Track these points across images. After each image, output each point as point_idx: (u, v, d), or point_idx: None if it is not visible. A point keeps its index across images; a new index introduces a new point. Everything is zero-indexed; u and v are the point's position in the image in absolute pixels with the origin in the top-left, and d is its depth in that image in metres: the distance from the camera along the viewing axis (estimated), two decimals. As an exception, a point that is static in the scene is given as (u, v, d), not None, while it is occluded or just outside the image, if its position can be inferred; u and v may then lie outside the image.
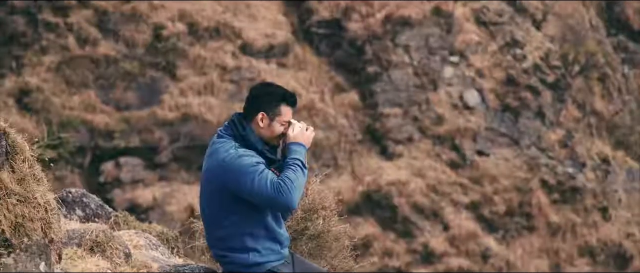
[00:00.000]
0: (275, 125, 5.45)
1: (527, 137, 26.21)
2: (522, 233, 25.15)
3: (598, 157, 26.61)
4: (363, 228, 23.44)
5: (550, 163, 26.06)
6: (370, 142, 25.68)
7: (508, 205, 25.20)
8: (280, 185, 5.22)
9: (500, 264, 24.43)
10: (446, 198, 24.92)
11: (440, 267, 23.99)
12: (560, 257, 25.09)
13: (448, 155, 25.70)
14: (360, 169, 25.04)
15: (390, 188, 24.61)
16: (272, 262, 5.37)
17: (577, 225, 25.56)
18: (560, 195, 25.82)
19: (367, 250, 23.19)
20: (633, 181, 26.87)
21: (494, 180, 25.42)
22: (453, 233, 24.47)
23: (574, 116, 27.04)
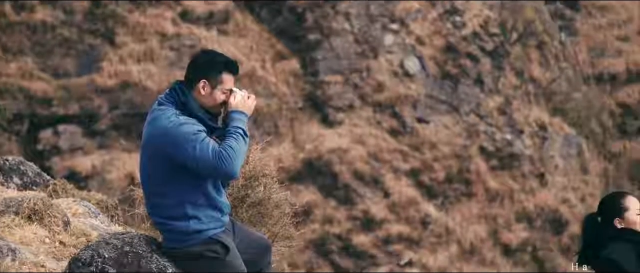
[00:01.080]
0: (217, 93, 5.43)
1: (466, 104, 26.44)
2: (461, 199, 25.44)
3: (535, 123, 26.96)
4: (304, 196, 23.50)
5: (488, 130, 26.34)
6: (311, 109, 25.69)
7: (447, 172, 25.45)
8: (221, 153, 5.21)
9: (440, 230, 24.70)
10: (386, 165, 25.08)
11: (380, 233, 24.18)
12: (498, 223, 25.44)
13: (388, 122, 25.83)
14: (301, 137, 25.07)
15: (331, 155, 24.68)
16: (213, 229, 5.37)
17: (515, 191, 25.91)
18: (498, 162, 26.13)
19: (308, 217, 23.27)
20: (569, 147, 27.28)
21: (433, 147, 25.63)
22: (393, 199, 24.65)
23: (512, 83, 27.34)
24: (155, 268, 5.33)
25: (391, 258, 23.96)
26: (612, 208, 5.94)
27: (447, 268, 24.25)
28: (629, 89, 28.53)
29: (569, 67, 28.51)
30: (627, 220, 5.89)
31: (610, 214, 5.92)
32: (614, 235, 5.85)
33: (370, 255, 23.87)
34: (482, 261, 24.81)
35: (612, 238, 5.85)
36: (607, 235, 5.87)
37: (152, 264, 5.34)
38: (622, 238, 5.83)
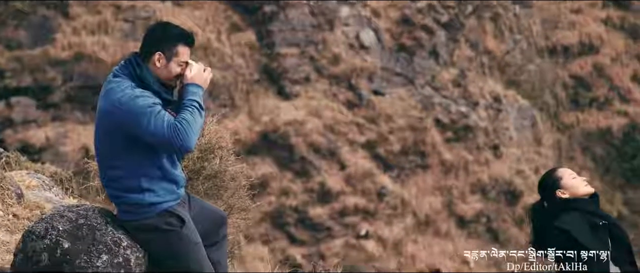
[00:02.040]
0: (172, 66, 5.41)
1: (421, 76, 26.55)
2: (416, 171, 25.59)
3: (490, 95, 27.14)
4: (260, 168, 23.51)
5: (444, 102, 26.49)
6: (267, 82, 25.65)
7: (403, 144, 25.57)
8: (176, 126, 5.20)
9: (395, 202, 24.85)
10: (342, 137, 25.14)
11: (336, 205, 24.26)
12: (453, 194, 25.64)
13: (344, 95, 25.87)
14: (257, 109, 25.03)
15: (287, 128, 24.68)
16: (168, 202, 5.37)
17: (470, 163, 26.12)
18: (453, 134, 26.30)
19: (264, 190, 23.29)
20: (523, 119, 27.52)
21: (389, 120, 25.73)
22: (349, 172, 24.74)
23: (467, 55, 27.48)
24: (110, 240, 5.33)
25: (347, 230, 24.07)
26: (550, 184, 6.02)
27: (402, 240, 24.42)
28: (581, 61, 28.82)
29: (523, 39, 28.72)
30: (566, 186, 5.96)
31: (550, 191, 6.00)
32: (562, 206, 5.92)
33: (326, 227, 23.97)
34: (437, 232, 25.02)
35: (561, 209, 5.92)
36: (555, 210, 5.94)
37: (107, 237, 5.33)
38: (570, 207, 5.90)
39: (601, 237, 5.77)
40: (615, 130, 27.80)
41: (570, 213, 5.86)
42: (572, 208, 5.88)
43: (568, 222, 5.80)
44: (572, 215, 5.84)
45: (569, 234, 5.75)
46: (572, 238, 5.74)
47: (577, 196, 5.96)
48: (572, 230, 5.75)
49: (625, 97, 28.55)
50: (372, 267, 23.59)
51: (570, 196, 5.96)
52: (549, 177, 6.06)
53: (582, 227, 5.78)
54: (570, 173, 6.02)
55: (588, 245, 5.71)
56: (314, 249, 23.56)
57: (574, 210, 5.87)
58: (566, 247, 5.77)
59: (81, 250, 5.27)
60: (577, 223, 5.79)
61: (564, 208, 5.90)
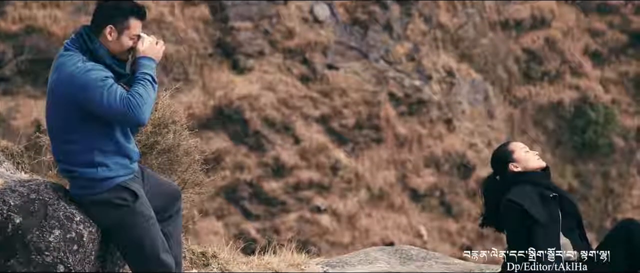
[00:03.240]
0: (124, 39, 5.37)
1: (375, 50, 26.60)
2: (370, 145, 25.68)
3: (443, 69, 27.28)
4: (214, 143, 23.45)
5: (397, 76, 26.58)
6: (221, 56, 25.55)
7: (357, 118, 25.64)
8: (129, 100, 5.17)
9: (350, 176, 24.93)
10: (297, 112, 25.14)
11: (291, 179, 24.30)
12: (407, 168, 25.78)
13: (299, 69, 25.85)
14: (211, 83, 24.93)
15: (241, 102, 24.63)
16: (121, 176, 5.34)
17: (423, 137, 26.26)
18: (407, 108, 26.41)
19: (219, 164, 23.25)
20: (476, 93, 27.70)
21: (343, 94, 25.77)
22: (303, 146, 24.77)
23: (420, 29, 27.56)
24: (63, 215, 5.29)
25: (301, 204, 24.13)
26: (502, 158, 6.07)
27: (356, 214, 24.54)
28: (533, 35, 29.02)
29: (476, 14, 28.84)
30: (518, 159, 6.02)
31: (502, 163, 6.05)
32: (513, 180, 5.98)
33: (281, 202, 24.00)
34: (391, 206, 25.17)
35: (512, 183, 5.98)
36: (507, 183, 5.99)
37: (60, 212, 5.30)
38: (521, 181, 5.96)
39: (552, 210, 5.84)
40: (566, 103, 28.09)
41: (521, 186, 5.92)
42: (524, 182, 5.94)
43: (519, 194, 5.86)
44: (524, 188, 5.90)
45: (520, 207, 5.81)
46: (523, 211, 5.81)
47: (529, 169, 6.02)
48: (523, 202, 5.81)
49: (577, 71, 28.85)
50: (327, 241, 23.69)
51: (522, 169, 6.01)
52: (502, 151, 6.11)
53: (533, 200, 5.84)
54: (522, 146, 6.08)
55: (539, 218, 5.78)
56: (268, 224, 23.60)
57: (525, 183, 5.93)
58: (517, 219, 5.83)
59: (33, 225, 5.23)
60: (529, 196, 5.85)
61: (516, 181, 5.96)
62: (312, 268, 6.77)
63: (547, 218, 5.80)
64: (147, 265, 5.34)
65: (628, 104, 28.74)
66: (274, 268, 6.69)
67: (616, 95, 28.69)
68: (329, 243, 23.54)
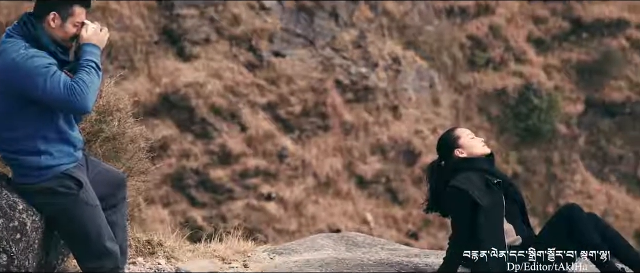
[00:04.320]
0: (68, 26, 5.33)
1: (321, 37, 26.62)
2: (317, 132, 25.73)
3: (389, 56, 27.39)
4: (160, 130, 23.33)
5: (344, 63, 26.63)
6: (166, 43, 25.40)
7: (304, 106, 25.66)
8: (73, 87, 5.13)
9: (296, 163, 24.96)
10: (243, 99, 25.09)
11: (237, 167, 24.26)
12: (353, 155, 25.87)
13: (245, 56, 25.79)
14: (157, 71, 24.78)
15: (187, 90, 24.52)
16: (65, 164, 5.31)
17: (370, 124, 26.37)
18: (353, 95, 26.49)
19: (165, 152, 23.14)
20: (422, 80, 27.87)
21: (290, 81, 25.76)
22: (250, 133, 24.73)
23: (366, 17, 27.63)
24: (5, 204, 5.24)
25: (248, 191, 24.11)
26: (448, 143, 6.12)
27: (303, 201, 24.58)
28: (477, 22, 29.26)
29: (421, 1, 28.99)
30: (464, 145, 6.08)
31: (448, 149, 6.10)
32: (458, 166, 6.03)
33: (227, 189, 23.97)
34: (338, 193, 25.25)
35: (456, 168, 6.03)
36: (452, 168, 6.05)
37: (2, 200, 5.25)
38: (466, 167, 6.02)
39: (495, 196, 5.90)
40: (510, 90, 28.37)
41: (466, 172, 5.97)
42: (468, 168, 5.99)
43: (463, 180, 5.91)
44: (468, 174, 5.95)
45: (464, 192, 5.87)
46: (467, 197, 5.86)
47: (474, 156, 6.08)
48: (467, 188, 5.87)
49: (520, 58, 29.14)
50: (273, 228, 23.71)
51: (467, 155, 6.07)
52: (448, 137, 6.16)
53: (477, 186, 5.90)
54: (468, 133, 6.13)
55: (482, 204, 5.84)
56: (214, 211, 23.56)
57: (469, 169, 5.99)
58: (461, 205, 5.89)
59: (-24, 214, 5.18)
60: (473, 182, 5.90)
61: (461, 167, 6.01)
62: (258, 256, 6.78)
63: (490, 204, 5.86)
64: (92, 254, 5.31)
65: (570, 91, 29.12)
66: (220, 256, 6.69)
67: (559, 82, 29.05)
68: (276, 231, 23.57)
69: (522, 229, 6.02)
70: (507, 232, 5.91)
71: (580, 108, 28.91)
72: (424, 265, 6.42)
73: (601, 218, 6.01)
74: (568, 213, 5.88)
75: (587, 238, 5.75)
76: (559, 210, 6.03)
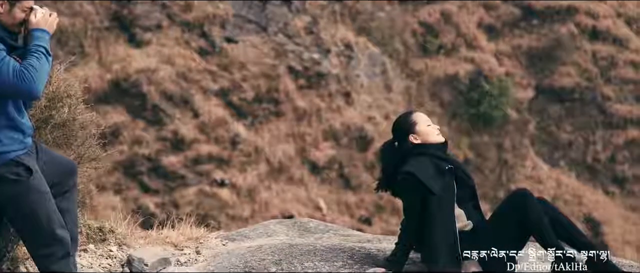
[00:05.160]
0: (16, 12, 5.28)
1: (274, 24, 26.58)
2: (270, 118, 25.71)
3: (341, 43, 27.43)
4: (111, 117, 23.17)
5: (296, 49, 26.63)
6: (118, 29, 25.21)
7: (256, 92, 25.62)
8: (23, 72, 5.09)
9: (249, 149, 24.93)
10: (196, 85, 24.99)
11: (190, 153, 24.18)
12: (306, 141, 25.90)
13: (197, 42, 25.68)
14: (108, 57, 24.60)
15: (139, 76, 24.37)
16: (15, 151, 5.26)
17: (322, 110, 26.40)
18: (306, 81, 26.50)
19: (116, 139, 22.99)
20: (374, 66, 27.95)
21: (242, 67, 25.70)
22: (203, 120, 24.65)
23: (318, 3, 27.63)
24: (-45, 192, 5.18)
25: (201, 178, 24.05)
26: (404, 127, 6.15)
27: (256, 187, 24.57)
28: (430, 8, 29.38)
29: (374, -12, 29.03)
30: (419, 132, 6.11)
31: (404, 132, 6.13)
32: (411, 152, 6.07)
33: (180, 176, 23.88)
34: (291, 179, 25.27)
35: (409, 154, 6.07)
36: (405, 154, 6.08)
37: (-48, 188, 5.19)
38: (419, 152, 6.06)
39: (447, 181, 5.95)
40: (462, 76, 28.55)
41: (418, 158, 6.01)
42: (421, 153, 6.04)
43: (416, 166, 5.95)
44: (420, 160, 5.99)
45: (416, 179, 5.91)
46: (418, 182, 5.91)
47: (428, 143, 6.12)
48: (419, 174, 5.91)
49: (472, 44, 29.33)
50: (226, 215, 23.68)
51: (422, 142, 6.11)
52: (404, 120, 6.18)
53: (428, 172, 5.94)
54: (425, 120, 6.16)
55: (433, 190, 5.89)
56: (167, 198, 23.47)
57: (422, 155, 6.03)
58: (413, 191, 5.93)
59: None
60: (424, 168, 5.95)
61: (413, 152, 6.05)
62: (211, 242, 6.78)
63: (441, 190, 5.91)
64: (42, 241, 5.28)
65: (521, 77, 29.38)
66: (172, 242, 6.68)
67: (510, 68, 29.29)
68: (229, 217, 23.54)
69: (473, 214, 6.08)
70: (458, 217, 5.96)
71: (530, 94, 29.18)
72: (376, 250, 6.46)
73: (551, 203, 6.08)
74: (518, 198, 5.95)
75: (537, 223, 5.82)
76: (510, 195, 6.10)
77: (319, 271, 5.95)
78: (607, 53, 29.79)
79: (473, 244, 5.90)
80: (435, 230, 5.87)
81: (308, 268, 5.99)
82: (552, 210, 5.95)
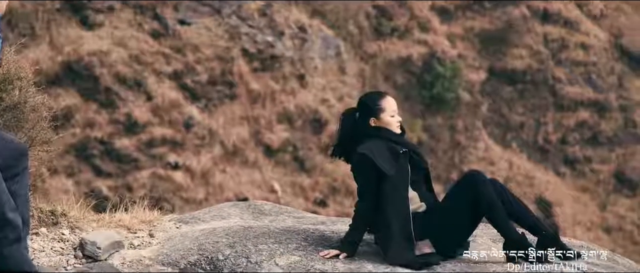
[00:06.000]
0: (-35, -7, 5.22)
1: (227, 6, 26.47)
2: (224, 101, 25.64)
3: (295, 25, 27.40)
4: (64, 100, 22.97)
5: (250, 32, 26.55)
6: (69, 11, 24.96)
7: (210, 74, 25.53)
8: (-29, 55, 5.04)
9: (203, 132, 24.85)
10: (149, 68, 24.84)
11: (143, 136, 24.05)
12: (260, 124, 25.87)
13: (150, 24, 25.51)
14: (59, 39, 24.36)
15: (91, 58, 24.17)
16: (-35, 134, 5.21)
17: (276, 92, 26.38)
18: (260, 64, 26.45)
19: (68, 122, 22.80)
20: (328, 48, 27.96)
21: (196, 50, 25.58)
22: (156, 103, 24.52)
23: (273, -14, 27.55)
24: None
25: (155, 161, 23.94)
26: (370, 107, 6.17)
27: (210, 170, 24.51)
28: (384, -9, 29.43)
29: (328, -30, 29.02)
30: (382, 120, 6.14)
31: (367, 112, 6.15)
32: (368, 133, 6.10)
33: (133, 159, 23.75)
34: (245, 162, 25.24)
35: (366, 135, 6.10)
36: (362, 132, 6.11)
37: None
38: (375, 135, 6.09)
39: (402, 164, 5.98)
40: (415, 58, 28.67)
41: (374, 140, 6.05)
42: (377, 136, 6.07)
43: (370, 148, 5.98)
44: (375, 142, 6.02)
45: (370, 161, 5.94)
46: (372, 164, 5.94)
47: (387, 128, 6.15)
48: (372, 156, 5.94)
49: (425, 27, 29.45)
50: (180, 198, 23.61)
51: (381, 126, 6.14)
52: (373, 101, 6.18)
53: (383, 154, 5.98)
54: (392, 110, 6.17)
55: (387, 172, 5.92)
56: (120, 181, 23.33)
57: (378, 137, 6.06)
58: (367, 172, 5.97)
59: None
60: (379, 151, 5.98)
61: (370, 134, 6.08)
62: (164, 225, 6.76)
63: (395, 173, 5.94)
64: (-6, 225, 5.23)
65: (473, 59, 29.57)
66: (125, 225, 6.65)
67: (462, 50, 29.47)
68: (183, 200, 23.48)
69: (427, 196, 6.12)
70: (412, 199, 6.00)
71: (482, 76, 29.38)
72: (330, 232, 6.48)
73: (503, 184, 6.14)
74: (471, 179, 5.99)
75: (489, 204, 5.88)
76: (462, 177, 6.15)
77: (273, 253, 5.97)
78: (558, 35, 30.08)
79: (426, 225, 5.95)
80: (389, 212, 5.90)
81: (262, 250, 6.01)
82: (504, 192, 6.01)
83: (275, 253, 5.96)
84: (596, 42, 30.14)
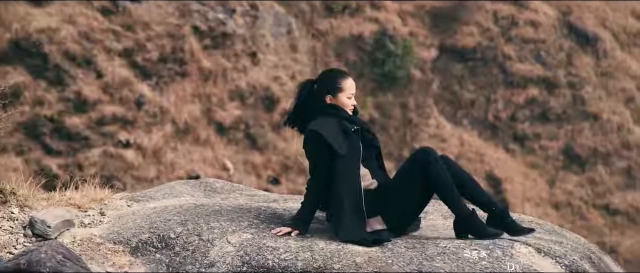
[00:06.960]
0: None
1: (178, -17, 26.30)
2: (175, 79, 25.51)
3: (247, 2, 27.30)
4: (12, 77, 22.71)
5: (201, 9, 26.40)
6: (16, -13, 24.66)
7: (161, 52, 25.38)
8: None
9: (154, 110, 24.72)
10: (99, 45, 24.62)
11: (93, 114, 23.87)
12: (212, 102, 25.79)
13: (100, 1, 25.28)
14: (7, 16, 24.06)
15: (40, 35, 23.91)
16: None
17: (228, 70, 26.29)
18: (211, 41, 26.34)
19: (17, 99, 22.56)
20: (280, 26, 27.91)
21: (146, 27, 25.40)
22: (106, 80, 24.33)
23: (224, -38, 27.42)
24: None
25: (105, 139, 23.77)
26: (329, 84, 6.17)
27: (162, 148, 24.41)
28: (335, -31, 29.42)
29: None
30: (338, 99, 6.15)
31: (325, 88, 6.15)
32: (322, 108, 6.11)
33: (83, 137, 23.57)
34: (197, 140, 25.17)
35: (319, 111, 6.11)
36: (316, 107, 6.12)
37: None
38: (328, 113, 6.10)
39: (353, 142, 6.00)
40: (366, 36, 28.72)
41: (326, 117, 6.06)
42: (330, 113, 6.08)
43: (322, 125, 5.99)
44: (327, 120, 6.04)
45: (322, 138, 5.95)
46: (324, 142, 5.95)
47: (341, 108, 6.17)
48: (324, 133, 5.95)
49: (376, 5, 29.49)
50: (132, 176, 23.48)
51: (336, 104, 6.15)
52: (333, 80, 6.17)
53: (335, 132, 5.99)
54: (350, 92, 6.17)
55: (339, 149, 5.94)
56: (70, 159, 23.15)
57: (330, 115, 6.07)
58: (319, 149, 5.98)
59: None
60: (331, 128, 5.99)
61: (323, 111, 6.09)
62: (115, 203, 6.72)
63: (347, 150, 5.96)
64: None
65: (425, 36, 29.70)
66: (76, 204, 6.60)
67: (413, 28, 29.57)
68: (134, 178, 23.36)
69: (378, 173, 6.15)
70: (363, 176, 6.03)
71: (433, 53, 29.53)
72: (283, 210, 6.50)
73: (454, 161, 6.18)
74: (422, 156, 6.03)
75: (440, 181, 5.92)
76: (413, 154, 6.18)
77: (225, 231, 5.97)
78: (507, 12, 30.30)
79: (378, 202, 5.98)
80: (340, 189, 5.93)
81: (214, 228, 6.00)
82: (455, 168, 6.05)
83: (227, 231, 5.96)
84: (545, 20, 30.40)
